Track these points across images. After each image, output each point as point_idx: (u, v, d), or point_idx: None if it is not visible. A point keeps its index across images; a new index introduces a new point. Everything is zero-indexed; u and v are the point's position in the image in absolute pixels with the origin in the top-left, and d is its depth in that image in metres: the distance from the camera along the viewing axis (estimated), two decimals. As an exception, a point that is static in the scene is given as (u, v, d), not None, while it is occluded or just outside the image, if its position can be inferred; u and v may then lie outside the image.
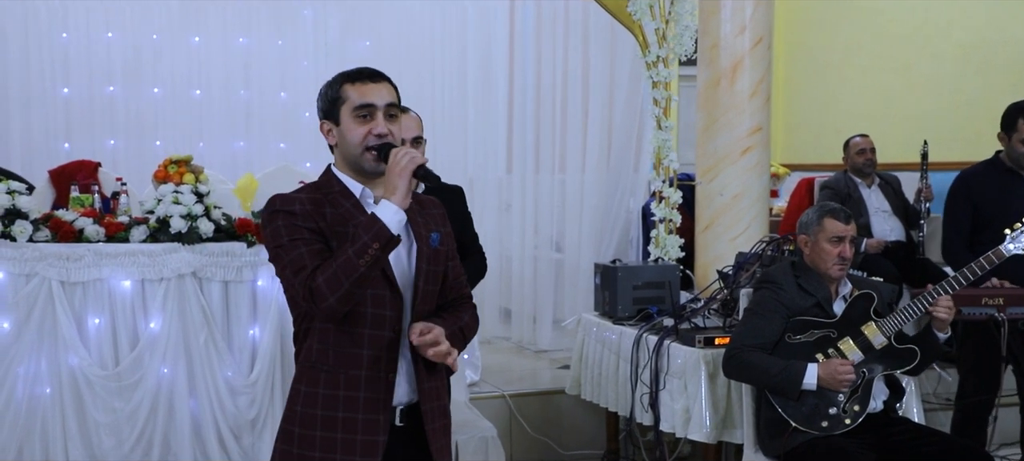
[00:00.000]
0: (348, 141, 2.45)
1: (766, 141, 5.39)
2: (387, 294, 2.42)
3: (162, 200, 4.68)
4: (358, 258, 2.26)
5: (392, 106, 2.46)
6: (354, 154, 2.44)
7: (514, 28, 6.96)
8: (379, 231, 2.27)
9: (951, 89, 7.61)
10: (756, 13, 5.26)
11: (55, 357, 4.48)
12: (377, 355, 2.42)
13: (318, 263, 2.32)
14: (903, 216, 6.22)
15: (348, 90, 2.46)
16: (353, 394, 2.41)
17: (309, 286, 2.30)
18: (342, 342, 2.42)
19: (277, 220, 2.40)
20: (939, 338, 3.63)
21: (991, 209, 4.27)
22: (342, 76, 2.49)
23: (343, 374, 2.42)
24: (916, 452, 3.59)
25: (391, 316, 2.42)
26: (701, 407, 4.16)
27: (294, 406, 2.47)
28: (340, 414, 2.41)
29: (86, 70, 7.48)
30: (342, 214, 2.42)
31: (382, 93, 2.46)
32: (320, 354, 2.44)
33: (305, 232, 2.38)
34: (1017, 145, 4.31)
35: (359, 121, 2.43)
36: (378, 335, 2.42)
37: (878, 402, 3.69)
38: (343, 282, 2.27)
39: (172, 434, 4.61)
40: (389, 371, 2.43)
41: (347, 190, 2.47)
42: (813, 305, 3.73)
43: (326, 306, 2.30)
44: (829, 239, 3.70)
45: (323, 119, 2.51)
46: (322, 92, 2.51)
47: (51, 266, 4.47)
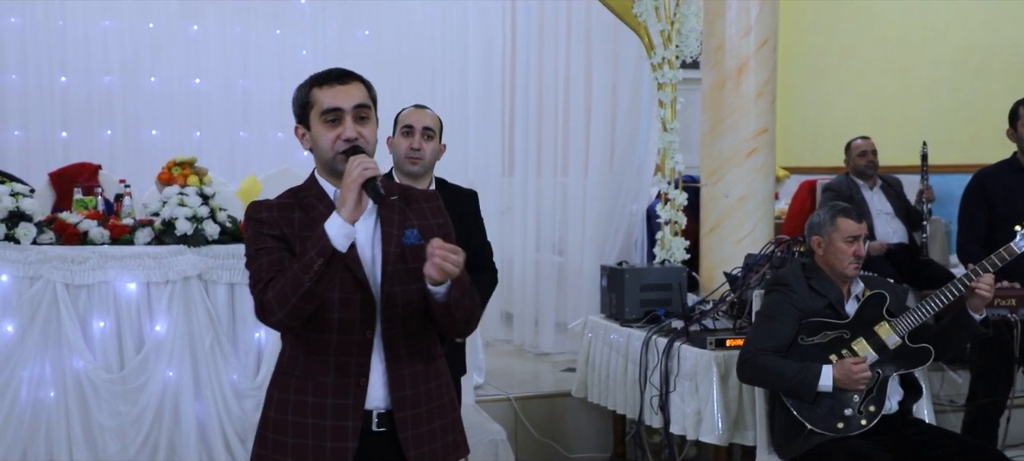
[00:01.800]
0: (320, 146, 2.41)
1: (771, 143, 5.38)
2: (357, 297, 2.37)
3: (167, 202, 4.65)
4: (303, 274, 2.21)
5: (361, 107, 2.41)
6: (326, 158, 2.41)
7: (516, 29, 6.95)
8: (323, 246, 2.21)
9: (948, 92, 7.64)
10: (762, 14, 5.26)
11: (59, 360, 4.44)
12: (345, 361, 2.38)
13: (273, 275, 2.29)
14: (905, 218, 6.23)
15: (317, 94, 2.41)
16: (321, 401, 2.38)
17: (260, 300, 2.29)
18: (310, 348, 2.39)
19: (249, 228, 2.41)
20: (975, 319, 3.61)
21: (1006, 207, 4.28)
22: (311, 80, 2.46)
23: (312, 381, 2.39)
24: (931, 454, 3.58)
25: (361, 319, 2.37)
26: (713, 409, 4.14)
27: (268, 411, 2.47)
28: (310, 421, 2.38)
29: (83, 59, 7.43)
30: (313, 218, 2.37)
31: (351, 95, 2.40)
32: (291, 359, 2.44)
33: (268, 240, 2.36)
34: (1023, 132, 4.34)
35: (328, 126, 2.39)
36: (346, 340, 2.37)
37: (893, 403, 3.68)
38: (290, 297, 2.23)
39: (177, 438, 4.57)
40: (361, 376, 2.39)
41: (322, 192, 2.44)
42: (825, 306, 3.73)
43: (275, 320, 2.29)
44: (844, 239, 3.69)
45: (297, 124, 2.48)
46: (294, 97, 2.48)
47: (55, 269, 4.42)
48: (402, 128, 3.63)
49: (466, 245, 3.73)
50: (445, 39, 7.29)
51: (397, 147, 3.62)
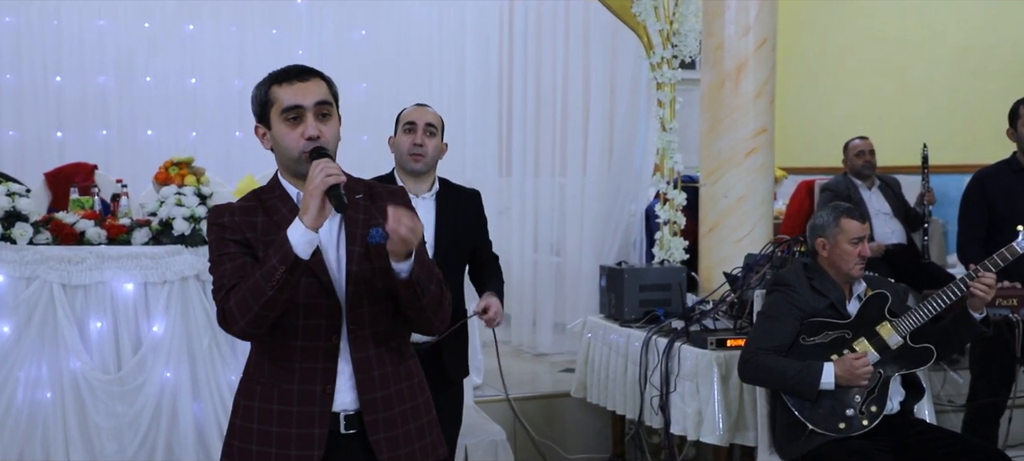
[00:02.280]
0: (282, 146, 2.34)
1: (770, 143, 5.37)
2: (323, 302, 2.31)
3: (165, 202, 4.63)
4: (265, 282, 2.16)
5: (323, 104, 2.34)
6: (288, 158, 2.34)
7: (513, 29, 6.93)
8: (285, 254, 2.15)
9: (946, 92, 7.64)
10: (761, 14, 5.25)
11: (56, 361, 4.42)
12: (310, 367, 2.32)
13: (234, 283, 2.23)
14: (903, 218, 6.23)
15: (276, 92, 2.35)
16: (286, 408, 2.32)
17: (222, 308, 2.23)
18: (274, 355, 2.34)
19: (211, 233, 2.34)
20: (975, 319, 3.60)
21: (1005, 207, 4.27)
22: (270, 77, 2.39)
23: (276, 388, 2.34)
24: (933, 453, 3.57)
25: (327, 324, 2.32)
26: (714, 409, 4.13)
27: (235, 419, 2.42)
28: (274, 429, 2.33)
29: (78, 59, 7.40)
30: (276, 222, 2.31)
31: (310, 92, 2.33)
32: (256, 367, 2.39)
33: (231, 246, 2.29)
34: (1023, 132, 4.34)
35: (289, 124, 2.32)
36: (311, 346, 2.32)
37: (895, 403, 3.67)
38: (252, 305, 2.17)
39: (175, 439, 4.55)
40: (326, 383, 2.33)
41: (286, 195, 2.38)
42: (827, 306, 3.72)
43: (238, 329, 2.23)
44: (849, 240, 3.68)
45: (257, 123, 2.41)
46: (252, 95, 2.41)
47: (52, 269, 4.40)
48: (404, 125, 3.58)
49: (472, 245, 3.64)
50: (442, 39, 7.27)
51: (399, 145, 3.57)
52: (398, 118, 3.66)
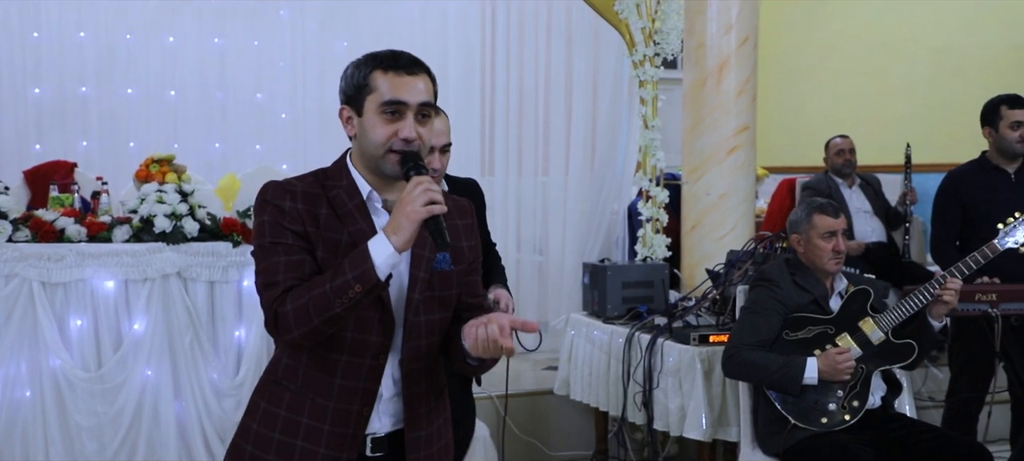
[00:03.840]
0: (370, 137, 2.10)
1: (752, 141, 5.40)
2: (376, 317, 2.10)
3: (145, 199, 4.61)
4: (335, 297, 1.95)
5: (426, 106, 2.12)
6: (374, 153, 2.11)
7: (495, 28, 6.93)
8: (366, 273, 1.95)
9: (925, 92, 7.70)
10: (742, 13, 5.27)
11: (36, 359, 4.40)
12: (352, 386, 2.12)
13: (292, 283, 2.02)
14: (884, 217, 6.27)
15: (378, 79, 2.10)
16: (317, 425, 2.11)
17: (276, 310, 2.02)
18: (313, 365, 2.12)
19: (265, 213, 2.09)
20: (934, 327, 3.64)
21: (979, 207, 4.31)
22: (373, 59, 2.13)
23: (309, 400, 2.12)
24: (914, 447, 3.60)
25: (377, 342, 2.11)
26: (697, 405, 4.14)
27: (251, 422, 2.19)
28: (299, 443, 2.12)
29: (58, 70, 7.33)
30: (341, 217, 2.11)
31: (417, 89, 2.10)
32: (287, 371, 2.16)
33: (289, 236, 2.06)
34: (1006, 132, 4.36)
35: (385, 119, 2.09)
36: (356, 363, 2.11)
37: (876, 398, 3.70)
38: (313, 318, 1.98)
39: (156, 437, 4.53)
40: (364, 404, 2.12)
41: (354, 187, 2.14)
42: (810, 302, 3.74)
43: (290, 338, 2.03)
44: (821, 235, 3.71)
45: (344, 104, 2.16)
46: (347, 73, 2.16)
47: (32, 267, 4.38)
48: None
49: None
50: (425, 39, 7.25)
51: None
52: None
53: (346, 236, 2.08)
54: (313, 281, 2.01)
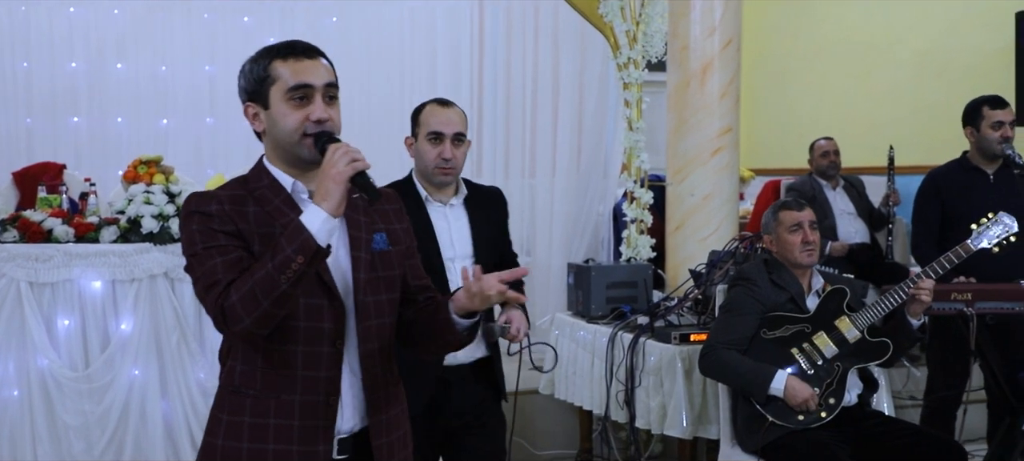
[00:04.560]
0: (280, 127, 2.10)
1: (736, 142, 5.45)
2: (325, 303, 2.09)
3: (133, 200, 4.65)
4: (279, 274, 1.92)
5: (331, 87, 2.13)
6: (288, 142, 2.10)
7: (483, 31, 6.98)
8: (304, 242, 1.93)
9: (910, 95, 7.76)
10: (726, 15, 5.32)
11: (24, 359, 4.45)
12: (314, 376, 2.08)
13: (233, 277, 1.98)
14: (867, 218, 6.33)
15: (279, 68, 2.10)
16: (286, 423, 2.07)
17: (221, 305, 1.96)
18: (271, 362, 2.07)
19: (192, 223, 2.06)
20: (912, 325, 3.70)
21: (958, 207, 4.36)
22: (270, 51, 2.14)
23: (273, 400, 2.07)
24: (890, 444, 3.65)
25: (330, 329, 2.09)
26: (678, 403, 4.19)
27: (214, 439, 2.11)
28: (271, 447, 2.07)
29: (48, 47, 7.32)
30: (269, 213, 2.09)
31: (319, 71, 2.11)
32: (244, 376, 2.10)
33: (221, 237, 2.03)
34: (987, 132, 4.42)
35: (293, 105, 2.08)
36: (314, 352, 2.08)
37: (852, 395, 3.75)
38: (261, 301, 1.93)
39: (144, 436, 4.58)
40: (330, 394, 2.09)
41: (277, 184, 2.13)
42: (787, 300, 3.79)
43: (241, 329, 1.96)
44: (788, 229, 3.78)
45: (248, 101, 2.15)
46: (246, 69, 2.16)
47: (19, 267, 4.43)
48: (429, 135, 3.16)
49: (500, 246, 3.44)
50: (413, 43, 7.30)
51: (423, 154, 3.17)
52: (417, 117, 3.24)
53: (279, 228, 2.05)
54: (253, 267, 1.98)
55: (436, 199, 3.20)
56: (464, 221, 3.23)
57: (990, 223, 3.78)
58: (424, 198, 3.19)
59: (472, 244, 3.22)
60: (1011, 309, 3.99)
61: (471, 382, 3.24)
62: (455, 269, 3.15)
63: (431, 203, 3.20)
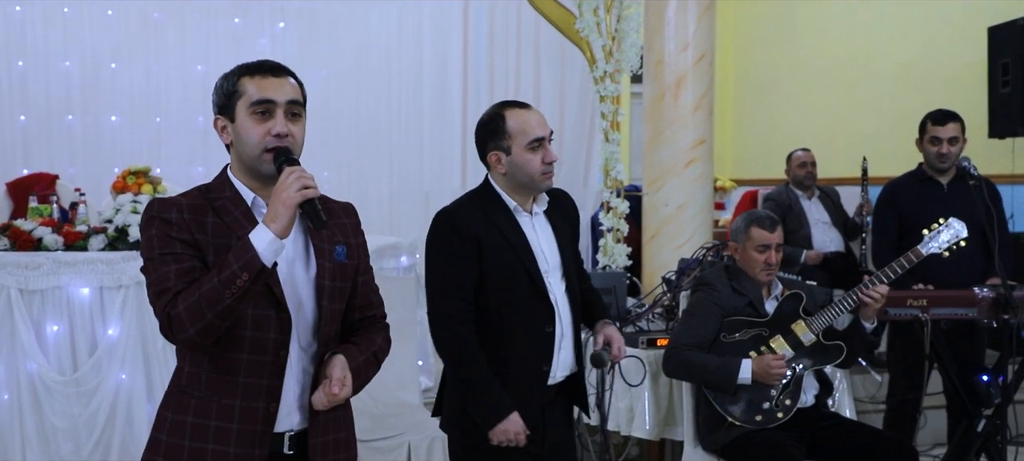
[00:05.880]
0: (244, 140, 2.19)
1: (709, 153, 5.60)
2: (272, 315, 2.17)
3: (120, 209, 4.79)
4: (224, 289, 2.01)
5: (294, 104, 2.21)
6: (250, 155, 2.19)
7: (468, 45, 7.13)
8: (250, 261, 2.02)
9: (891, 107, 7.88)
10: (698, 31, 5.48)
11: (13, 364, 4.55)
12: (255, 383, 2.17)
13: (183, 286, 2.06)
14: (842, 228, 6.46)
15: (246, 84, 2.20)
16: (225, 425, 2.16)
17: (168, 313, 2.04)
18: (215, 367, 2.17)
19: (152, 228, 2.14)
20: (866, 328, 3.82)
21: (914, 216, 4.50)
22: (240, 69, 2.24)
23: (215, 402, 2.17)
24: (845, 445, 3.78)
25: (275, 339, 2.18)
26: (644, 405, 4.32)
27: (160, 434, 2.22)
28: (210, 446, 2.16)
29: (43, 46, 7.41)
30: (227, 224, 2.17)
31: (284, 89, 2.21)
32: (190, 378, 2.19)
33: (177, 245, 2.11)
34: (927, 146, 4.60)
35: (257, 119, 2.18)
36: (258, 361, 2.17)
37: (809, 396, 3.88)
38: (206, 313, 2.02)
39: (130, 439, 4.68)
40: (270, 400, 2.18)
41: (238, 196, 2.22)
42: (746, 305, 3.92)
43: (185, 337, 2.05)
44: (756, 247, 3.88)
45: (218, 114, 2.25)
46: (217, 85, 2.26)
47: (10, 274, 4.54)
48: (530, 142, 2.92)
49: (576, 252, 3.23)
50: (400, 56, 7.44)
51: (525, 165, 2.92)
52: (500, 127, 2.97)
53: (235, 241, 2.12)
54: (201, 279, 2.06)
55: (521, 208, 2.98)
56: (549, 230, 3.05)
57: (941, 229, 3.91)
58: (512, 208, 2.98)
59: (560, 254, 3.04)
60: (964, 315, 4.12)
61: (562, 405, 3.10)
62: (553, 283, 2.98)
63: (520, 213, 2.99)
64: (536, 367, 2.97)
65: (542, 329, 2.96)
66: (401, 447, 4.36)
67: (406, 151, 7.27)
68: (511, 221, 2.96)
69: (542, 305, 2.95)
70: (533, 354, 2.96)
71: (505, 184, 2.98)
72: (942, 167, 4.57)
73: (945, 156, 4.54)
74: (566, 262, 3.05)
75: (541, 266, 2.96)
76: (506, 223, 2.94)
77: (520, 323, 2.95)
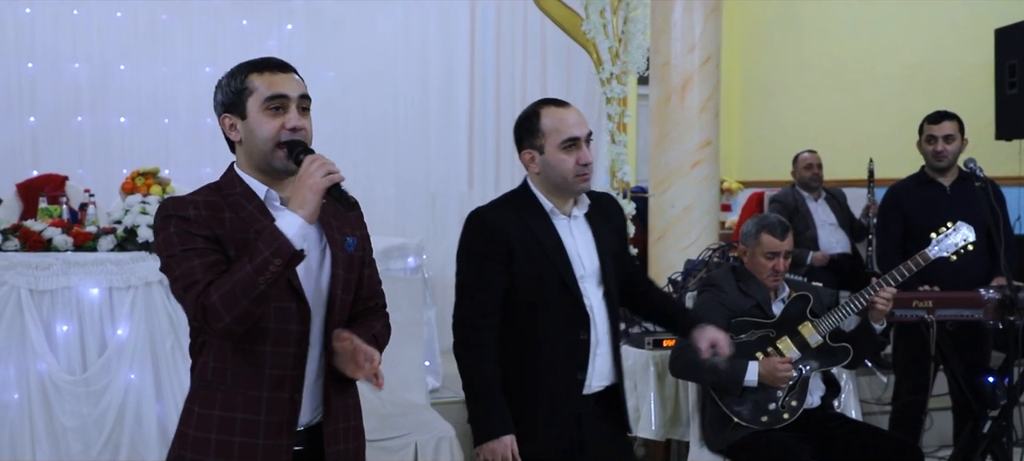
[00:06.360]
0: (257, 136, 2.23)
1: (715, 155, 5.61)
2: (293, 307, 2.22)
3: (130, 210, 4.82)
4: (257, 275, 2.05)
5: (304, 98, 2.27)
6: (262, 150, 2.23)
7: (474, 47, 7.14)
8: (281, 247, 2.06)
9: (897, 108, 7.88)
10: (705, 32, 5.49)
11: (24, 363, 4.57)
12: (280, 374, 2.22)
13: (212, 278, 2.10)
14: (848, 229, 6.47)
15: (255, 81, 2.24)
16: (252, 417, 2.21)
17: (202, 304, 2.09)
18: (241, 360, 2.21)
19: (170, 226, 2.16)
20: (875, 330, 3.84)
21: (917, 218, 4.51)
22: (246, 66, 2.27)
23: (242, 395, 2.21)
24: (850, 445, 3.79)
25: (297, 331, 2.22)
26: (650, 406, 4.34)
27: (186, 429, 2.26)
28: (237, 439, 2.21)
29: (52, 47, 7.44)
30: (244, 219, 2.21)
31: (294, 84, 2.26)
32: (216, 372, 2.23)
33: (199, 241, 2.15)
34: (924, 146, 4.62)
35: (270, 114, 2.22)
36: (282, 352, 2.21)
37: (815, 398, 3.90)
38: (241, 301, 2.06)
39: (139, 438, 4.71)
40: (294, 391, 2.23)
41: (250, 191, 2.26)
42: (753, 306, 3.94)
43: (222, 326, 2.09)
44: (764, 254, 3.89)
45: (225, 112, 2.28)
46: (223, 83, 2.29)
47: (20, 275, 4.57)
48: (564, 142, 2.83)
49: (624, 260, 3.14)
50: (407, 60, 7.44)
51: (557, 165, 2.84)
52: (535, 125, 2.90)
53: (253, 234, 2.16)
54: (232, 269, 2.10)
55: (559, 211, 2.91)
56: (589, 234, 2.95)
57: (949, 232, 3.92)
58: (549, 210, 2.90)
59: (599, 259, 2.94)
60: (970, 316, 4.13)
61: (601, 415, 2.99)
62: (589, 289, 2.91)
63: (557, 216, 2.91)
64: (570, 375, 2.89)
65: (576, 336, 2.88)
66: (408, 447, 4.38)
67: (413, 152, 7.29)
68: (547, 224, 2.89)
69: (576, 311, 2.87)
70: (566, 361, 2.89)
71: (541, 185, 2.91)
72: (939, 166, 4.58)
73: (941, 154, 4.56)
74: (605, 268, 2.94)
75: (576, 271, 2.88)
76: (541, 226, 2.87)
77: (553, 329, 2.88)
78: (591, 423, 2.93)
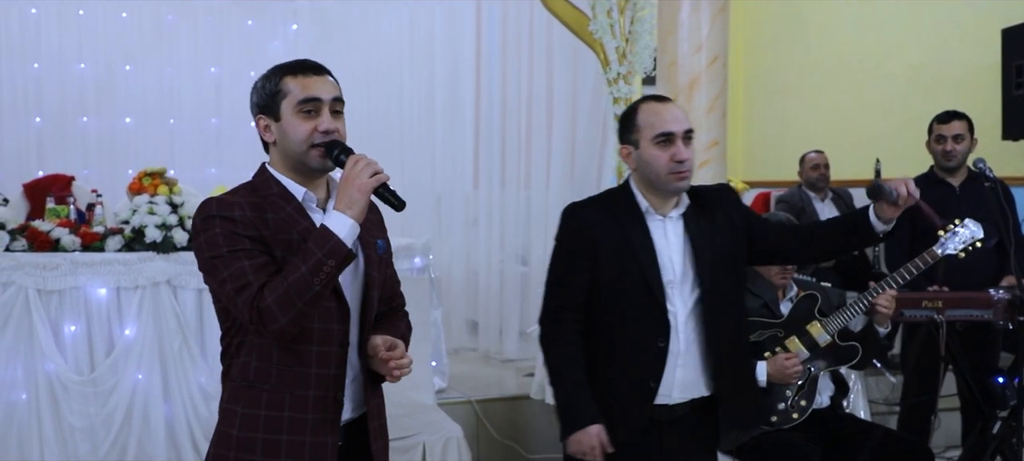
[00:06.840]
0: (291, 138, 2.26)
1: (723, 155, 5.60)
2: (334, 306, 2.26)
3: (137, 211, 4.82)
4: (313, 276, 2.09)
5: (338, 101, 2.30)
6: (297, 151, 2.26)
7: (480, 47, 7.16)
8: (335, 247, 2.10)
9: (902, 109, 7.88)
10: (712, 32, 5.48)
11: (32, 364, 4.59)
12: (325, 373, 2.26)
13: (264, 280, 2.13)
14: (854, 229, 6.45)
15: (289, 83, 2.27)
16: (300, 416, 2.25)
17: (257, 306, 2.11)
18: (286, 360, 2.24)
19: (214, 226, 2.19)
20: (879, 333, 3.84)
21: None
22: (281, 69, 2.31)
23: (288, 394, 2.25)
24: (860, 446, 3.79)
25: (338, 330, 2.27)
26: (658, 406, 4.32)
27: (229, 429, 2.28)
28: (284, 437, 2.24)
29: (57, 48, 7.47)
30: (284, 219, 2.24)
31: (327, 87, 2.29)
32: (260, 372, 2.26)
33: (246, 242, 2.17)
34: (933, 146, 4.64)
35: (303, 116, 2.25)
36: (326, 351, 2.26)
37: (824, 397, 3.90)
38: (296, 302, 2.10)
39: (146, 438, 4.72)
40: (338, 389, 2.29)
41: (287, 192, 2.29)
42: (761, 306, 3.93)
43: (277, 328, 2.12)
44: None
45: (259, 114, 2.31)
46: (258, 86, 2.32)
47: (28, 275, 4.58)
48: (657, 137, 2.77)
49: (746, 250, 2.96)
50: (413, 59, 7.47)
51: (651, 161, 2.78)
52: (632, 122, 2.86)
53: (296, 235, 2.21)
54: (284, 272, 2.13)
55: (656, 211, 2.84)
56: (680, 238, 2.85)
57: (957, 230, 3.91)
58: (644, 210, 2.84)
59: (694, 265, 2.83)
60: (980, 316, 4.13)
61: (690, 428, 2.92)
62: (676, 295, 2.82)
63: (652, 216, 2.84)
64: (641, 381, 2.82)
65: (654, 343, 2.80)
66: (416, 447, 4.39)
67: (418, 152, 7.30)
68: (640, 224, 2.81)
69: (657, 317, 2.79)
70: (639, 367, 2.82)
71: (639, 183, 2.85)
72: (949, 165, 4.58)
73: (950, 154, 4.56)
74: (702, 274, 2.82)
75: (664, 276, 2.79)
76: (633, 226, 2.80)
77: (630, 334, 2.82)
78: (671, 435, 2.88)
